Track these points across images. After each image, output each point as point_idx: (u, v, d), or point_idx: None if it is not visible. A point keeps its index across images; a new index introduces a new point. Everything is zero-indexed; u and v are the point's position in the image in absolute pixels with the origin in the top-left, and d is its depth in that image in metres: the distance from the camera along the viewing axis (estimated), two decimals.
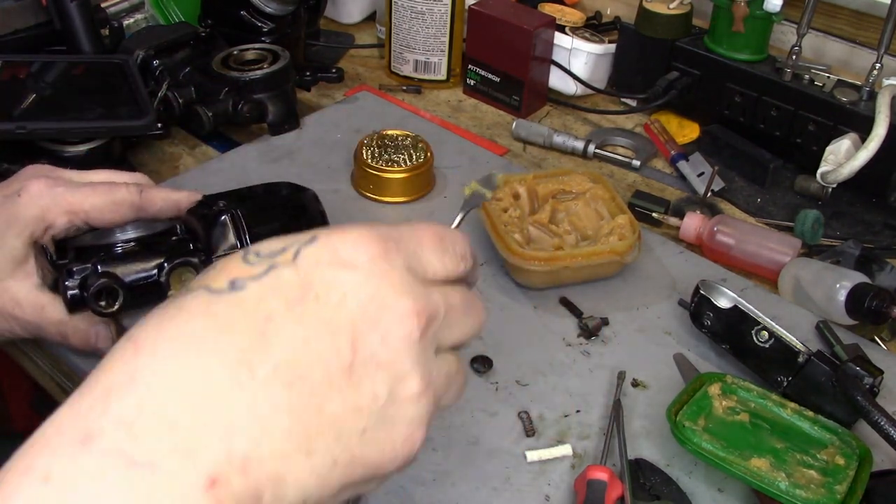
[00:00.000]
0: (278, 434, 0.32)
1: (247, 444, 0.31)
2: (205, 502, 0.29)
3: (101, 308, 0.57)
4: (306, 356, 0.33)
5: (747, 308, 0.64)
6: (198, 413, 0.30)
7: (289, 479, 0.32)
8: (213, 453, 0.30)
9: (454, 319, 0.39)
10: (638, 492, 0.55)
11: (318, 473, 0.33)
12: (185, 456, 0.29)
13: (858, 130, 0.83)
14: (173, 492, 0.29)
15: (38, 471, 0.29)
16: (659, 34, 0.99)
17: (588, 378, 0.65)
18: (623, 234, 0.73)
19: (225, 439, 0.30)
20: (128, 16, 1.05)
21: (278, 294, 0.34)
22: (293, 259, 0.35)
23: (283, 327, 0.33)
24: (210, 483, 0.30)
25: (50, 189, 0.59)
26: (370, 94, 1.03)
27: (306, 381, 0.33)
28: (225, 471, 0.30)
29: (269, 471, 0.31)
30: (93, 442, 0.29)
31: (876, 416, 0.54)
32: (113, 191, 0.61)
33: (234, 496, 0.30)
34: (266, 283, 0.34)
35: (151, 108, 0.79)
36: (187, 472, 0.29)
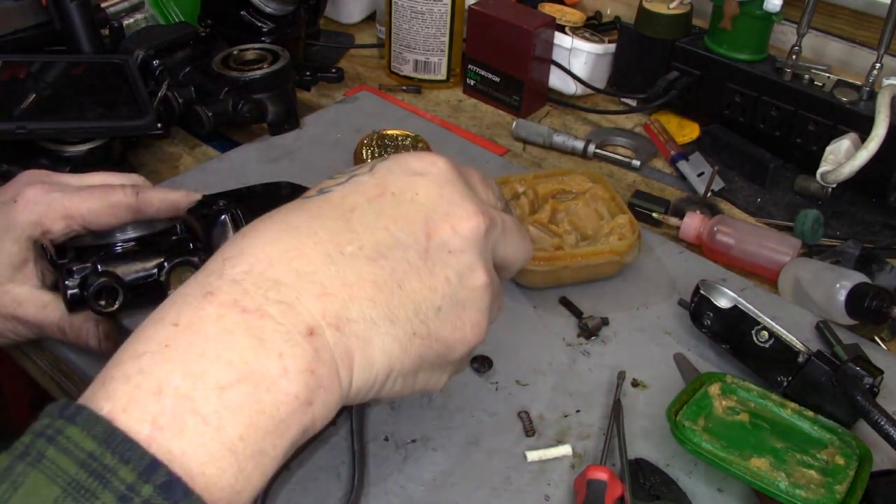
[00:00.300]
0: (365, 301, 0.37)
1: (338, 305, 0.36)
2: (305, 346, 0.35)
3: (101, 307, 0.57)
4: (386, 239, 0.39)
5: (747, 308, 0.64)
6: (296, 278, 0.36)
7: (375, 342, 0.37)
8: (310, 308, 0.35)
9: (509, 236, 0.44)
10: (638, 492, 0.55)
11: (400, 341, 0.38)
12: (287, 308, 0.35)
13: (858, 130, 0.83)
14: (278, 334, 0.34)
15: (169, 319, 0.35)
16: (659, 34, 0.99)
17: (588, 378, 0.65)
18: (623, 234, 0.73)
19: (320, 299, 0.36)
20: (128, 16, 1.05)
21: (359, 193, 0.40)
22: (370, 171, 0.41)
23: (364, 216, 0.39)
24: (308, 332, 0.35)
25: (46, 194, 0.60)
26: (370, 93, 1.03)
27: (388, 259, 0.38)
28: (320, 324, 0.35)
29: (358, 332, 0.37)
30: (212, 296, 0.35)
31: (876, 416, 0.54)
32: (109, 194, 0.61)
33: (328, 348, 0.35)
34: (348, 186, 0.40)
35: (151, 108, 0.79)
36: (289, 320, 0.35)
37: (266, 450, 0.33)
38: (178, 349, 0.33)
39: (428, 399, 0.62)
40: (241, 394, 0.33)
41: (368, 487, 0.55)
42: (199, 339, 0.33)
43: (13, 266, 0.59)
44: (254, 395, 0.33)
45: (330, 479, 0.56)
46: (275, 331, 0.34)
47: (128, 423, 0.31)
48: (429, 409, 0.61)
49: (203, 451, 0.32)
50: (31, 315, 0.60)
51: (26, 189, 0.60)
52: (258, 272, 0.36)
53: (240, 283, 0.35)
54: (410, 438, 0.59)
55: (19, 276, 0.60)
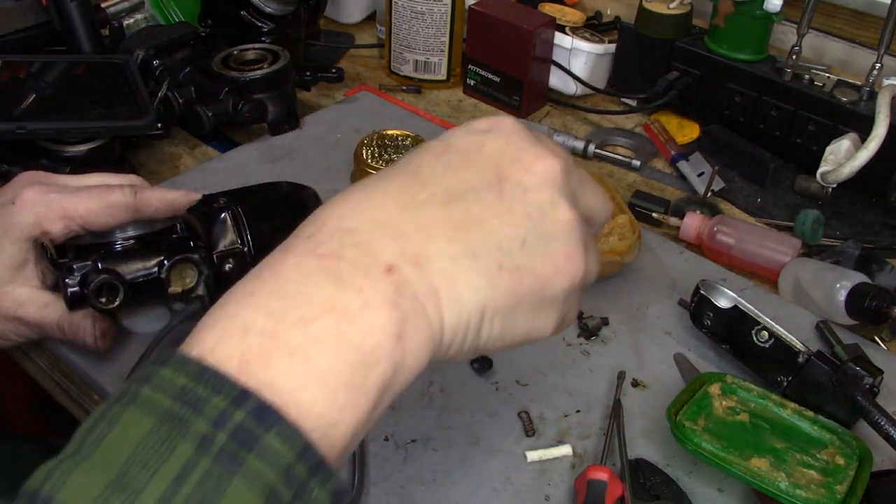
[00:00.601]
0: (442, 240, 0.37)
1: (415, 245, 0.36)
2: (384, 281, 0.35)
3: (102, 304, 0.57)
4: (458, 185, 0.39)
5: (747, 308, 0.64)
6: (369, 225, 0.36)
7: (459, 277, 0.37)
8: (387, 249, 0.36)
9: (587, 186, 0.44)
10: (638, 492, 0.55)
11: (485, 275, 0.37)
12: (363, 249, 0.35)
13: (858, 130, 0.83)
14: (356, 271, 0.35)
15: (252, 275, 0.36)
16: (659, 34, 0.99)
17: (588, 378, 0.65)
18: (623, 234, 0.73)
19: (395, 241, 0.36)
20: (128, 16, 1.05)
21: (425, 152, 0.40)
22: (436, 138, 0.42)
23: (433, 170, 0.39)
24: (387, 269, 0.35)
25: (44, 195, 0.60)
26: (370, 94, 1.03)
27: (461, 201, 0.38)
28: (398, 262, 0.36)
29: (439, 268, 0.36)
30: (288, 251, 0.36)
31: (876, 416, 0.54)
32: (107, 194, 0.61)
33: (409, 284, 0.35)
34: (416, 150, 0.41)
35: (151, 108, 0.79)
36: (365, 260, 0.35)
37: (357, 383, 0.34)
38: (261, 294, 0.34)
39: (428, 399, 0.62)
40: (324, 326, 0.33)
41: (368, 487, 0.55)
42: (279, 283, 0.35)
43: (13, 267, 0.60)
44: (337, 328, 0.33)
45: None
46: (352, 270, 0.35)
47: (217, 361, 0.32)
48: (429, 409, 0.61)
49: (291, 381, 0.32)
50: (32, 315, 0.60)
51: (24, 190, 0.60)
52: (331, 225, 0.37)
53: (314, 237, 0.36)
54: (410, 438, 0.59)
55: (20, 278, 0.60)
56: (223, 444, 0.30)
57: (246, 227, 0.61)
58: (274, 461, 0.31)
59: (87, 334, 0.60)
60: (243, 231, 0.61)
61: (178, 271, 0.60)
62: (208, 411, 0.31)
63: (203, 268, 0.60)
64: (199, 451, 0.30)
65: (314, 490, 0.32)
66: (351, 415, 0.34)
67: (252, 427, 0.31)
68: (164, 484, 0.29)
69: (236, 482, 0.30)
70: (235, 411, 0.31)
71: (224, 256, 0.60)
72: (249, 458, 0.30)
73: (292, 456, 0.31)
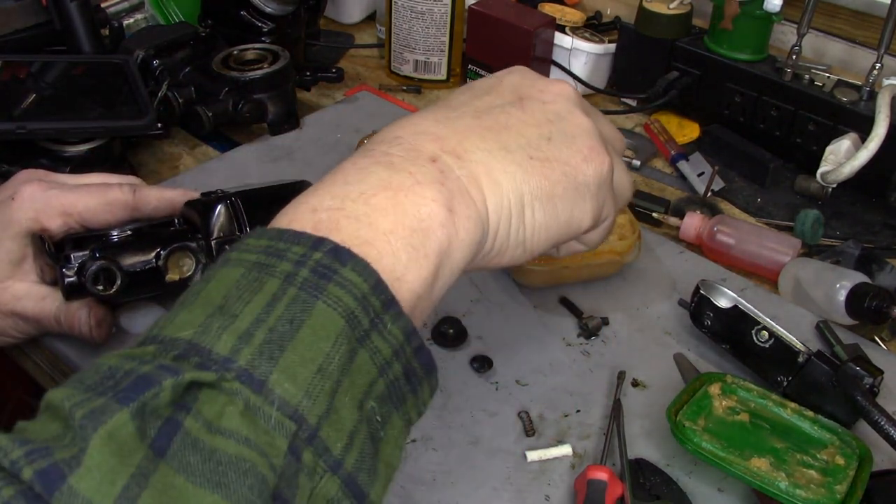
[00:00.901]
0: (476, 139, 0.42)
1: (454, 143, 0.41)
2: (430, 167, 0.40)
3: (100, 291, 0.58)
4: (483, 104, 0.45)
5: (747, 308, 0.64)
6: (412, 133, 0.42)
7: (495, 166, 0.42)
8: (428, 146, 0.41)
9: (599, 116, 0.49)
10: (638, 492, 0.55)
11: (519, 164, 0.42)
12: (409, 147, 0.41)
13: (858, 130, 0.83)
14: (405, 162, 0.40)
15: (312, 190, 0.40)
16: (659, 34, 0.99)
17: (588, 378, 0.65)
18: (623, 233, 0.73)
19: (436, 142, 0.41)
20: (128, 16, 1.05)
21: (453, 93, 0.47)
22: None
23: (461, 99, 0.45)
24: (431, 159, 0.40)
25: (43, 192, 0.60)
26: (370, 94, 1.03)
27: (489, 113, 0.44)
28: (440, 155, 0.41)
29: (477, 159, 0.41)
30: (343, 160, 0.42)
31: (876, 416, 0.54)
32: (106, 191, 0.61)
33: (453, 171, 0.40)
34: None
35: (151, 108, 0.79)
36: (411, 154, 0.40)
37: (416, 244, 0.38)
38: (323, 185, 0.40)
39: None
40: (383, 199, 0.38)
41: None
42: (339, 176, 0.40)
43: (12, 263, 0.60)
44: (394, 199, 0.38)
45: None
46: (402, 161, 0.40)
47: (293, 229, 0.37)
48: (429, 409, 0.61)
49: (358, 238, 0.37)
50: (30, 309, 0.60)
51: (23, 187, 0.60)
52: (378, 138, 0.42)
53: (365, 147, 0.42)
54: (410, 438, 0.59)
55: (18, 273, 0.60)
56: (306, 276, 0.34)
57: (243, 214, 0.61)
58: (351, 289, 0.35)
59: (83, 324, 0.60)
60: (241, 219, 0.60)
61: (176, 259, 0.60)
62: (290, 255, 0.35)
63: (200, 256, 0.60)
64: (285, 283, 0.34)
65: (388, 323, 0.35)
66: (415, 274, 0.38)
67: (330, 263, 0.35)
68: (258, 308, 0.33)
69: (320, 304, 0.34)
70: (314, 253, 0.35)
71: (221, 244, 0.60)
72: (330, 287, 0.34)
73: (367, 287, 0.35)
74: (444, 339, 0.66)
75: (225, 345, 0.32)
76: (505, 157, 0.42)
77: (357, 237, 0.37)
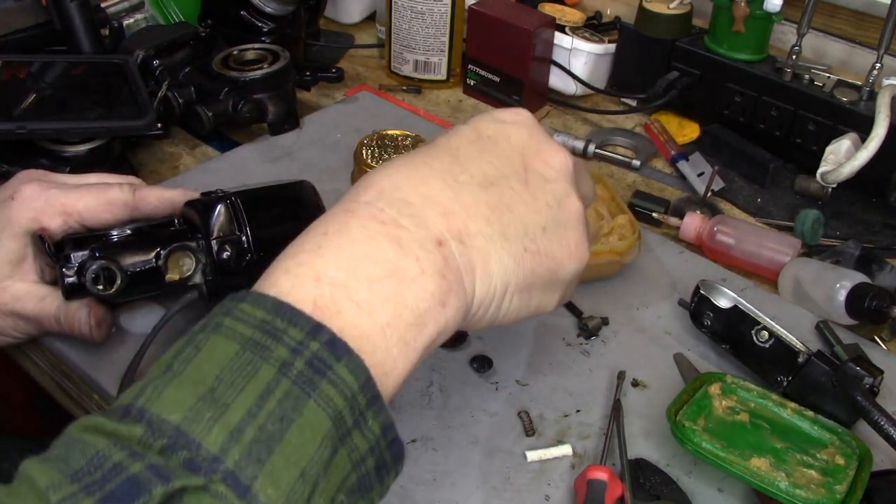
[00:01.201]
0: (481, 220, 0.42)
1: (459, 222, 0.42)
2: (436, 253, 0.40)
3: (100, 291, 0.57)
4: (491, 171, 0.44)
5: (747, 308, 0.64)
6: (421, 199, 0.41)
7: (493, 256, 0.42)
8: (437, 223, 0.41)
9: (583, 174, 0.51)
10: (638, 492, 0.55)
11: (513, 256, 0.43)
12: (419, 221, 0.40)
13: (858, 130, 0.83)
14: (413, 241, 0.40)
15: (318, 230, 0.40)
16: (659, 34, 0.99)
17: (588, 378, 0.65)
18: (623, 234, 0.73)
19: (443, 217, 0.41)
20: (128, 16, 1.05)
21: (459, 136, 0.46)
22: (465, 123, 0.47)
23: (469, 153, 0.45)
24: (437, 242, 0.40)
25: (43, 191, 0.60)
26: (370, 94, 1.03)
27: (496, 186, 0.44)
28: (446, 237, 0.41)
29: (478, 246, 0.42)
30: (352, 213, 0.41)
31: (876, 416, 0.54)
32: (106, 191, 0.62)
33: (454, 258, 0.41)
34: (449, 133, 0.46)
35: (151, 108, 0.79)
36: (420, 231, 0.40)
37: (408, 340, 0.38)
38: (330, 249, 0.39)
39: (428, 399, 0.62)
40: (387, 287, 0.38)
41: None
42: (346, 241, 0.39)
43: (11, 263, 0.60)
44: (397, 289, 0.38)
45: None
46: (410, 239, 0.40)
47: (293, 302, 0.36)
48: (429, 409, 0.61)
49: (357, 330, 0.37)
50: (30, 309, 0.60)
51: (23, 187, 0.60)
52: (388, 194, 0.41)
53: (374, 204, 0.41)
54: (410, 438, 0.59)
55: (18, 273, 0.60)
56: (301, 369, 0.34)
57: (243, 214, 0.60)
58: (342, 388, 0.35)
59: (83, 323, 0.60)
60: (241, 219, 0.60)
61: (176, 259, 0.60)
62: (287, 340, 0.35)
63: (200, 255, 0.60)
64: (280, 373, 0.34)
65: (370, 420, 0.36)
66: (402, 367, 0.38)
67: (325, 356, 0.35)
68: (250, 400, 0.33)
69: (311, 404, 0.34)
70: (311, 341, 0.35)
71: (222, 244, 0.60)
72: (322, 384, 0.34)
73: (356, 386, 0.35)
74: None
75: (215, 440, 0.32)
76: (503, 247, 0.43)
77: (355, 327, 0.37)
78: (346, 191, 0.44)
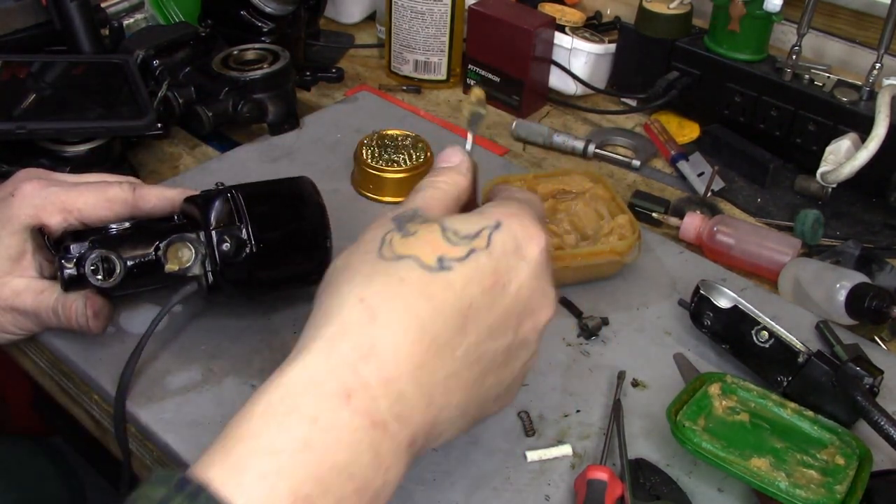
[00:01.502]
0: (454, 408, 0.41)
1: (436, 414, 0.40)
2: (406, 458, 0.39)
3: (99, 281, 0.58)
4: (486, 339, 0.41)
5: (747, 308, 0.64)
6: (416, 389, 0.39)
7: (445, 436, 0.42)
8: (418, 422, 0.39)
9: None
10: (638, 492, 0.55)
11: (462, 429, 0.43)
12: (404, 423, 0.38)
13: (858, 130, 0.83)
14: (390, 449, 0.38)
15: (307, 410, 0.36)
16: (659, 34, 0.99)
17: (588, 378, 0.65)
18: (623, 234, 0.73)
19: (426, 412, 0.39)
20: (128, 16, 1.05)
21: (478, 280, 0.41)
22: (487, 246, 0.42)
23: (479, 314, 0.41)
24: (410, 443, 0.39)
25: (43, 189, 0.61)
26: (370, 94, 1.03)
27: (482, 360, 0.42)
28: (419, 436, 0.40)
29: (441, 433, 0.41)
30: (351, 399, 0.37)
31: (876, 416, 0.54)
32: (106, 189, 0.62)
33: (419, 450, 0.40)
34: (469, 266, 0.41)
35: (151, 108, 0.79)
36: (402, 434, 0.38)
37: None
38: (316, 453, 0.35)
39: None
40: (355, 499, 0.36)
41: None
42: (334, 444, 0.36)
43: (11, 259, 0.60)
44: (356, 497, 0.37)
45: None
46: (389, 447, 0.38)
47: None
48: None
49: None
50: (29, 303, 0.60)
51: (23, 184, 0.61)
52: (386, 379, 0.38)
53: (373, 389, 0.38)
54: None
55: (17, 269, 0.61)
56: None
57: (243, 207, 0.60)
58: None
59: (80, 314, 0.60)
60: (241, 211, 0.60)
61: (175, 250, 0.60)
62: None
63: (199, 247, 0.60)
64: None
65: None
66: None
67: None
68: None
69: None
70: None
71: (221, 235, 0.60)
72: None
73: None
74: None
75: None
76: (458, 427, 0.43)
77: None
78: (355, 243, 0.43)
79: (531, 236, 0.43)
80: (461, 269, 0.40)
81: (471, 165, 0.50)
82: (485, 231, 0.42)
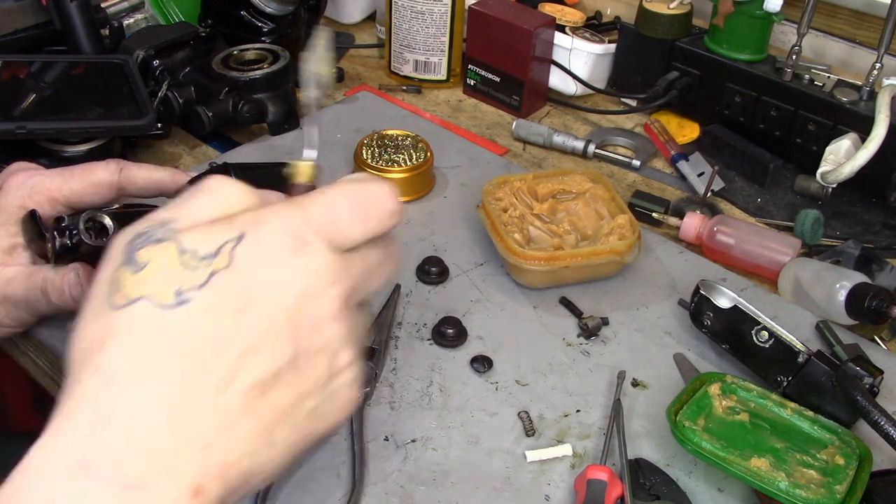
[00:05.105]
0: (245, 436, 0.36)
1: (221, 453, 0.35)
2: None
3: (92, 242, 0.58)
4: (257, 362, 0.36)
5: (747, 308, 0.64)
6: (175, 436, 0.34)
7: (256, 470, 0.37)
8: (194, 468, 0.34)
9: (371, 276, 0.42)
10: (638, 492, 0.55)
11: (279, 459, 0.38)
12: (171, 475, 0.33)
13: (858, 130, 0.83)
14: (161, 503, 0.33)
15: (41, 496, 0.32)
16: (659, 34, 0.99)
17: (588, 378, 0.65)
18: (623, 234, 0.73)
19: (202, 453, 0.34)
20: (128, 16, 1.05)
21: (221, 305, 0.36)
22: (228, 265, 0.36)
23: (231, 340, 0.36)
24: (194, 493, 0.34)
25: (29, 178, 0.61)
26: (370, 94, 1.03)
27: (262, 385, 0.36)
28: (206, 481, 0.34)
29: (242, 469, 0.36)
30: (89, 469, 0.32)
31: (876, 416, 0.54)
32: (91, 172, 0.62)
33: (213, 497, 0.35)
34: (209, 294, 0.36)
35: (151, 108, 0.79)
36: (174, 487, 0.33)
37: None
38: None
39: (428, 399, 0.62)
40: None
41: (368, 487, 0.55)
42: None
43: (3, 251, 0.61)
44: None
45: (330, 479, 0.56)
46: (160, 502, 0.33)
47: None
48: (429, 409, 0.61)
49: None
50: (20, 288, 0.60)
51: (10, 177, 0.61)
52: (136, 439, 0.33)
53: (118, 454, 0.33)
54: (410, 438, 0.59)
55: (10, 260, 0.61)
56: None
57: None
58: None
59: (73, 286, 0.59)
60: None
61: None
62: None
63: None
64: None
65: None
66: None
67: None
68: None
69: None
70: None
71: None
72: None
73: None
74: (444, 339, 0.66)
75: None
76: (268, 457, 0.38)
77: None
78: None
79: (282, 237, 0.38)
80: (200, 300, 0.36)
81: None
82: (226, 247, 0.37)
